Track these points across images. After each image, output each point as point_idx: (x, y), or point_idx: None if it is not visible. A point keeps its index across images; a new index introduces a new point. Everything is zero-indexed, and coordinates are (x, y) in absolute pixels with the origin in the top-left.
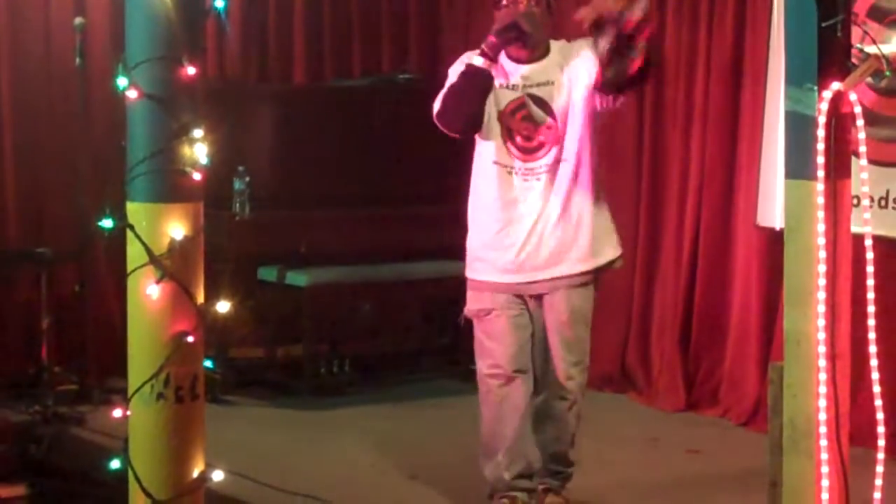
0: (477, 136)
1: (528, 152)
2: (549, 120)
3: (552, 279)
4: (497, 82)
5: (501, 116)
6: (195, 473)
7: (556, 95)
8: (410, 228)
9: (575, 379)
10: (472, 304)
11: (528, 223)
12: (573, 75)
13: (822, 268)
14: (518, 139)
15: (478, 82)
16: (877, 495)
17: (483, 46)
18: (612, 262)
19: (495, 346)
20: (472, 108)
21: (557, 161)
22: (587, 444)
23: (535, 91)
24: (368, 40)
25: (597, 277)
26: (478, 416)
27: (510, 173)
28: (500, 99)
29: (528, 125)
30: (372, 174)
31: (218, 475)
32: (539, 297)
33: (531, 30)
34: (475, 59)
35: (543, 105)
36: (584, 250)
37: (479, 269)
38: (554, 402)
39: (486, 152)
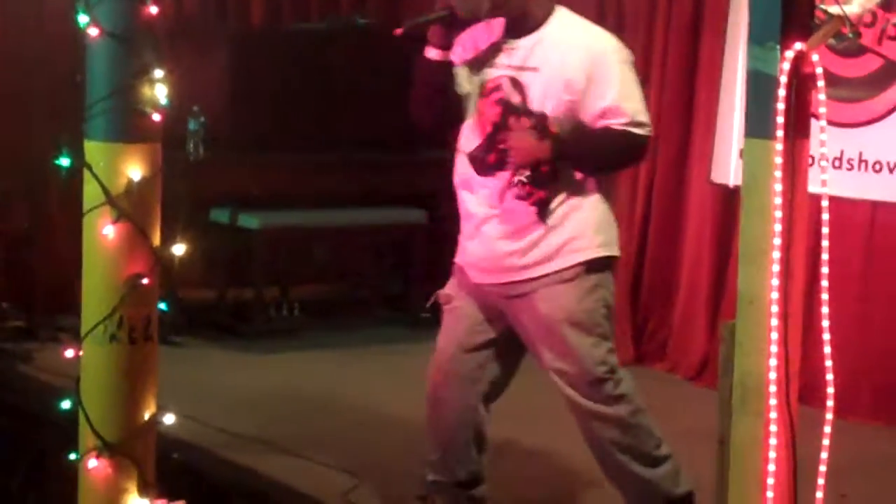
0: None
1: (493, 143)
2: (523, 108)
3: (516, 282)
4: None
5: (479, 97)
6: (147, 416)
7: (537, 84)
8: (365, 174)
9: (567, 373)
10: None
11: (480, 223)
12: (572, 92)
13: (777, 227)
14: (487, 126)
15: (431, 76)
16: (823, 455)
17: (428, 35)
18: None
19: (441, 340)
20: (433, 104)
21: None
22: (536, 398)
23: (515, 74)
24: None
25: (587, 271)
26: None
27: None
28: (484, 76)
29: (498, 110)
30: (328, 118)
31: (169, 418)
32: (508, 304)
33: (469, 13)
34: (428, 50)
35: (522, 91)
36: (552, 250)
37: (459, 251)
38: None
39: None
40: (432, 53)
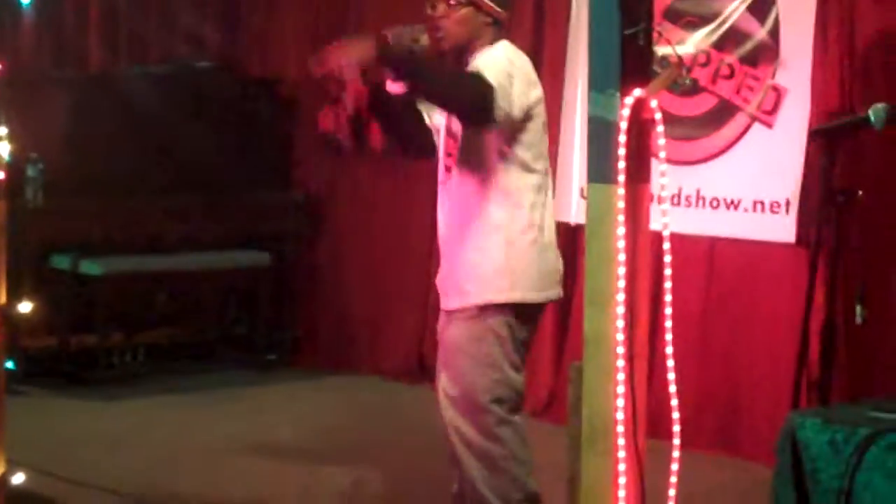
0: None
1: (447, 167)
2: (456, 131)
3: (442, 309)
4: None
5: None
6: None
7: None
8: (207, 218)
9: (448, 410)
10: None
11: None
12: None
13: (621, 270)
14: (442, 151)
15: (392, 107)
16: (671, 492)
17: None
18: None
19: None
20: (398, 134)
21: (453, 178)
22: (386, 434)
23: None
24: (165, 27)
25: (484, 310)
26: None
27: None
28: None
29: (447, 138)
30: (168, 162)
31: (19, 477)
32: None
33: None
34: (390, 84)
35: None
36: (456, 285)
37: None
38: None
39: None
40: (394, 87)
